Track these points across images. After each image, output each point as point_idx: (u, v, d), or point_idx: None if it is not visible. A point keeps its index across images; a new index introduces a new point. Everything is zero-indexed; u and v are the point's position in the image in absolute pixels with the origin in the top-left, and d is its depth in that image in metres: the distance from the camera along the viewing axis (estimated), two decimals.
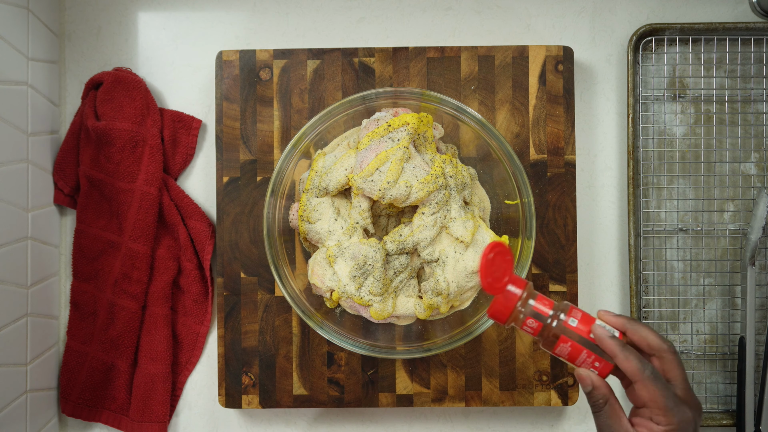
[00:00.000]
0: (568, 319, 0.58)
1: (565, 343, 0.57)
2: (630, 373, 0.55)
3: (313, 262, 0.74)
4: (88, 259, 0.81)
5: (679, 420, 0.54)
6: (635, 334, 0.57)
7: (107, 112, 0.79)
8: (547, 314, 0.58)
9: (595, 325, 0.57)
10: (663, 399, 0.54)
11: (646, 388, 0.54)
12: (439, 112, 0.74)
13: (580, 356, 0.57)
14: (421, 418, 0.83)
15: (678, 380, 0.56)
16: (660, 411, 0.54)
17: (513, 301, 0.58)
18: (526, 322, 0.59)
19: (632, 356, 0.55)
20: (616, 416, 0.56)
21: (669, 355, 0.56)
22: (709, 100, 0.82)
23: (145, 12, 0.84)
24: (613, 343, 0.56)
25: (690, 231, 0.82)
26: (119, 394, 0.81)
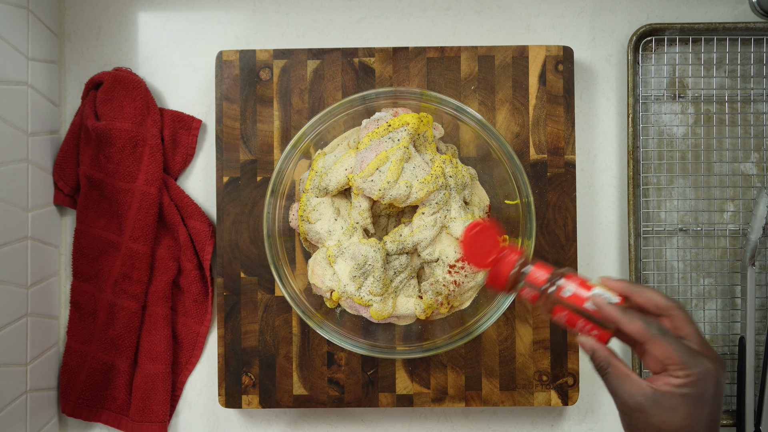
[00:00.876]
0: (563, 289, 0.57)
1: (561, 312, 0.57)
2: (637, 334, 0.53)
3: (313, 262, 0.74)
4: (88, 259, 0.81)
5: (698, 371, 0.51)
6: (640, 296, 0.55)
7: (107, 112, 0.79)
8: (542, 283, 0.58)
9: (593, 294, 0.56)
10: (676, 353, 0.51)
11: (657, 345, 0.52)
12: (439, 112, 0.74)
13: (577, 324, 0.57)
14: (421, 418, 0.83)
15: (691, 335, 0.53)
16: (676, 365, 0.51)
17: (506, 271, 0.59)
18: (523, 291, 0.59)
19: (636, 318, 0.53)
20: (624, 375, 0.54)
21: (678, 312, 0.54)
22: (709, 100, 0.82)
23: (145, 12, 0.84)
24: (613, 309, 0.54)
25: (690, 231, 0.82)
26: (119, 394, 0.81)
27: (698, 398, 0.51)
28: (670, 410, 0.51)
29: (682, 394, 0.51)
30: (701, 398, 0.51)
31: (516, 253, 0.60)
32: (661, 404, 0.52)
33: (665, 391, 0.51)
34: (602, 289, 0.56)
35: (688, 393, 0.51)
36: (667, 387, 0.51)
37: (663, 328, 0.52)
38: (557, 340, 0.79)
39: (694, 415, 0.51)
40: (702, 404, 0.51)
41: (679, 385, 0.51)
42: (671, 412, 0.51)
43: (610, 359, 0.55)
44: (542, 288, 0.58)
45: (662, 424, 0.51)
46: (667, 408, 0.51)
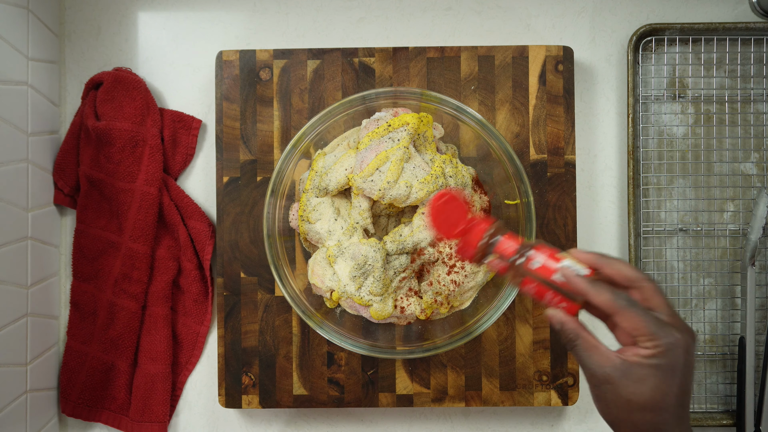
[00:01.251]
0: (532, 261, 0.56)
1: (530, 284, 0.56)
2: (605, 306, 0.52)
3: (313, 262, 0.74)
4: (88, 259, 0.81)
5: (667, 342, 0.50)
6: (610, 267, 0.54)
7: (107, 112, 0.79)
8: (510, 255, 0.57)
9: (562, 266, 0.55)
10: (644, 324, 0.50)
11: (625, 317, 0.51)
12: (439, 112, 0.74)
13: (545, 296, 0.56)
14: (421, 418, 0.83)
15: (661, 307, 0.53)
16: (645, 336, 0.50)
17: (474, 241, 0.59)
18: (492, 263, 0.58)
19: (604, 289, 0.52)
20: (592, 347, 0.53)
21: (647, 284, 0.53)
22: (709, 100, 0.82)
23: (145, 12, 0.84)
24: (582, 281, 0.53)
25: (690, 231, 0.82)
26: (119, 394, 0.81)
27: (667, 369, 0.50)
28: (639, 381, 0.50)
29: (651, 364, 0.50)
30: (670, 369, 0.50)
31: (485, 223, 0.59)
32: (629, 375, 0.51)
33: (634, 361, 0.51)
34: (571, 261, 0.56)
35: (656, 364, 0.50)
36: (635, 358, 0.51)
37: (631, 300, 0.52)
38: (557, 340, 0.79)
39: (663, 386, 0.50)
40: (671, 375, 0.50)
41: (648, 356, 0.50)
42: (640, 383, 0.50)
43: (579, 331, 0.54)
44: (511, 259, 0.57)
45: (631, 395, 0.51)
46: (635, 379, 0.50)
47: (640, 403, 0.51)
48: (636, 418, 0.51)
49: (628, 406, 0.51)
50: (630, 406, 0.51)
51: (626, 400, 0.51)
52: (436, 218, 0.60)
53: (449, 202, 0.60)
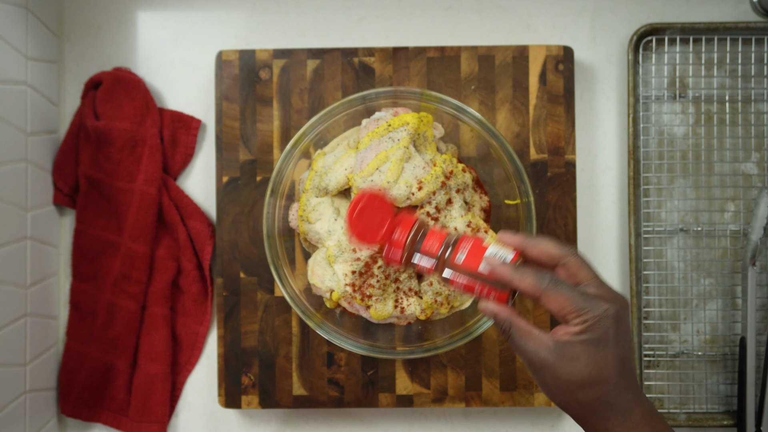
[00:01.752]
0: (456, 255, 0.55)
1: (458, 279, 0.55)
2: (530, 291, 0.51)
3: (313, 262, 0.74)
4: (87, 259, 0.81)
5: (594, 315, 0.49)
6: (534, 248, 0.53)
7: (106, 111, 0.79)
8: (435, 254, 0.56)
9: (486, 255, 0.54)
10: (569, 301, 0.49)
11: (550, 298, 0.50)
12: (439, 112, 0.74)
13: (475, 289, 0.55)
14: (421, 419, 0.83)
15: (588, 279, 0.52)
16: (572, 313, 0.49)
17: (400, 245, 0.56)
18: (420, 264, 0.57)
19: (527, 274, 0.51)
20: (526, 333, 0.52)
21: (572, 258, 0.52)
22: (710, 99, 0.82)
23: (145, 11, 0.84)
24: (505, 268, 0.53)
25: (690, 231, 0.82)
26: (119, 395, 0.81)
27: (598, 342, 0.49)
28: (573, 359, 0.50)
29: (582, 340, 0.49)
30: (601, 341, 0.49)
31: (407, 222, 0.57)
32: (564, 355, 0.50)
33: (566, 341, 0.50)
34: (497, 248, 0.54)
35: (587, 338, 0.49)
36: (566, 336, 0.50)
37: (556, 279, 0.51)
38: None
39: (597, 359, 0.49)
40: (603, 347, 0.49)
41: (578, 333, 0.50)
42: (574, 360, 0.50)
43: (512, 319, 0.53)
44: (437, 256, 0.56)
45: (568, 375, 0.50)
46: (570, 358, 0.50)
47: (578, 382, 0.50)
48: (579, 397, 0.50)
49: (568, 386, 0.50)
50: (570, 386, 0.50)
51: (565, 381, 0.50)
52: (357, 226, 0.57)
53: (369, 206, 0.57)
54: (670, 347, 0.82)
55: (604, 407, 0.50)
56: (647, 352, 0.81)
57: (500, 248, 0.54)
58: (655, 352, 0.81)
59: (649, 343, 0.81)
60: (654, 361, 0.81)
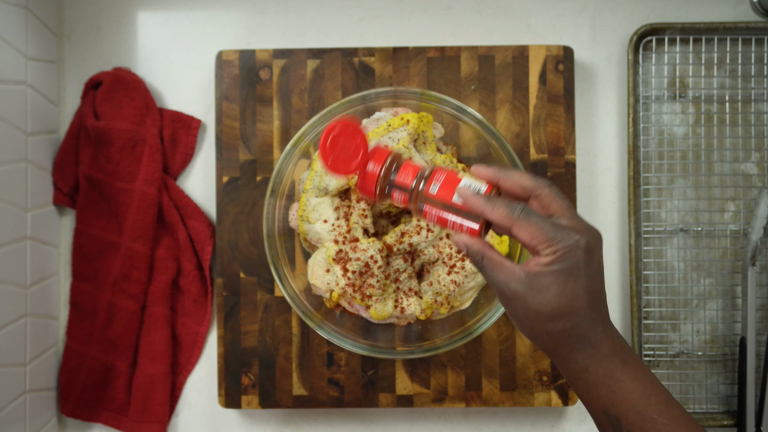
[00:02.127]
0: (429, 186, 0.54)
1: (431, 212, 0.54)
2: (502, 221, 0.50)
3: (313, 262, 0.74)
4: (87, 259, 0.81)
5: (565, 245, 0.48)
6: (508, 180, 0.52)
7: (106, 111, 0.79)
8: (409, 185, 0.55)
9: (459, 187, 0.53)
10: (541, 231, 0.49)
11: (522, 227, 0.49)
12: (439, 112, 0.74)
13: (448, 222, 0.54)
14: (421, 419, 0.83)
15: (561, 211, 0.51)
16: (543, 243, 0.49)
17: (374, 174, 0.56)
18: (394, 196, 0.56)
19: (499, 203, 0.51)
20: (498, 265, 0.51)
21: (545, 190, 0.51)
22: (710, 99, 0.82)
23: (145, 12, 0.84)
24: (478, 198, 0.52)
25: (690, 231, 0.82)
26: (119, 395, 0.81)
27: (569, 273, 0.49)
28: (543, 290, 0.49)
29: (552, 271, 0.49)
30: (572, 272, 0.49)
31: (382, 153, 0.56)
32: (534, 286, 0.49)
33: (536, 271, 0.49)
34: (470, 180, 0.54)
35: (557, 269, 0.49)
36: (537, 267, 0.49)
37: (528, 210, 0.50)
38: None
39: (567, 290, 0.49)
40: (574, 278, 0.49)
41: (548, 263, 0.49)
42: (544, 291, 0.49)
43: (484, 251, 0.52)
44: (411, 187, 0.55)
45: (538, 306, 0.49)
46: (540, 288, 0.49)
47: (547, 313, 0.49)
48: (549, 328, 0.50)
49: (537, 317, 0.50)
50: (540, 317, 0.50)
51: (535, 312, 0.50)
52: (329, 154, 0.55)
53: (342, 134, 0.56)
54: (670, 347, 0.82)
55: (573, 339, 0.50)
56: (647, 352, 0.81)
57: (474, 180, 0.54)
58: (655, 352, 0.81)
59: (649, 343, 0.81)
60: (654, 361, 0.81)
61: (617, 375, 0.50)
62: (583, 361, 0.50)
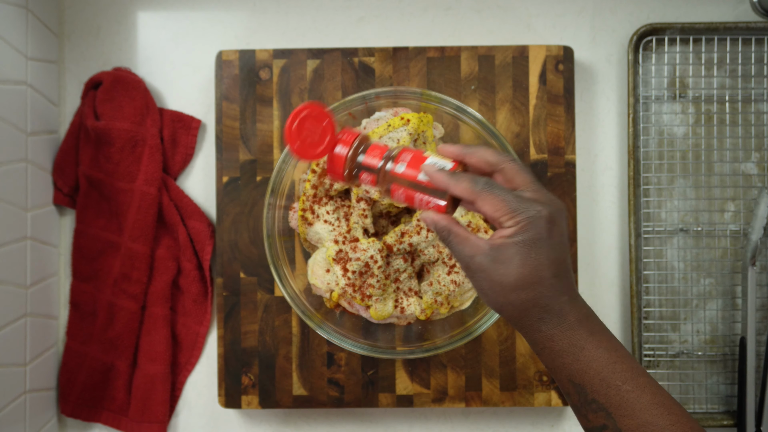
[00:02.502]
0: (396, 165, 0.55)
1: (398, 190, 0.55)
2: (466, 194, 0.51)
3: (313, 262, 0.74)
4: (87, 259, 0.81)
5: (527, 216, 0.49)
6: (473, 156, 0.54)
7: (107, 111, 0.79)
8: (376, 166, 0.56)
9: (424, 164, 0.54)
10: (503, 203, 0.50)
11: (485, 201, 0.50)
12: (439, 112, 0.74)
13: (415, 200, 0.55)
14: (421, 419, 0.83)
15: (525, 184, 0.52)
16: (506, 215, 0.50)
17: (341, 157, 0.57)
18: (362, 177, 0.57)
19: (463, 178, 0.51)
20: (463, 239, 0.52)
21: (509, 164, 0.52)
22: (710, 99, 0.82)
23: (145, 12, 0.84)
24: (442, 175, 0.53)
25: (690, 231, 0.82)
26: (119, 395, 0.81)
27: (531, 243, 0.49)
28: (506, 261, 0.50)
29: (515, 242, 0.50)
30: (534, 243, 0.49)
31: (350, 136, 0.57)
32: (497, 258, 0.50)
33: (499, 243, 0.50)
34: (436, 158, 0.55)
35: (520, 240, 0.49)
36: (500, 240, 0.50)
37: (491, 183, 0.51)
38: None
39: (529, 261, 0.49)
40: (536, 248, 0.49)
41: (511, 235, 0.50)
42: (507, 262, 0.50)
43: (450, 227, 0.53)
44: (378, 167, 0.56)
45: (501, 277, 0.50)
46: (503, 260, 0.50)
47: (511, 284, 0.50)
48: (513, 299, 0.50)
49: (501, 289, 0.50)
50: (504, 288, 0.50)
51: (499, 284, 0.50)
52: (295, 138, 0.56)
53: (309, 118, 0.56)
54: (670, 347, 0.82)
55: (538, 309, 0.50)
56: (647, 352, 0.81)
57: (439, 159, 0.55)
58: (655, 352, 0.81)
59: (649, 343, 0.81)
60: (654, 361, 0.81)
61: (581, 344, 0.50)
62: (548, 331, 0.51)
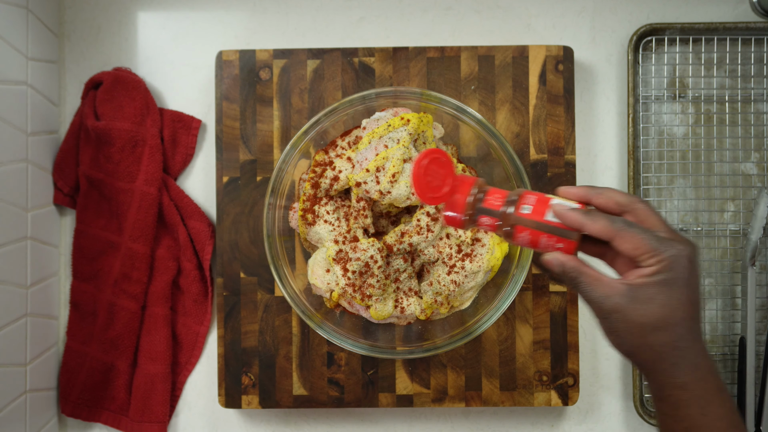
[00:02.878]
0: (521, 207, 0.55)
1: (523, 232, 0.55)
2: (603, 233, 0.51)
3: (313, 262, 0.74)
4: (87, 259, 0.81)
5: (669, 255, 0.49)
6: (601, 197, 0.53)
7: (107, 111, 0.79)
8: (499, 208, 0.56)
9: (553, 203, 0.54)
10: (645, 241, 0.49)
11: (624, 238, 0.50)
12: (439, 112, 0.74)
13: (541, 241, 0.54)
14: (421, 419, 0.83)
15: (657, 225, 0.51)
16: (646, 254, 0.49)
17: (462, 200, 0.56)
18: (481, 221, 0.57)
19: (599, 217, 0.51)
20: (596, 280, 0.51)
21: (640, 206, 0.52)
22: (710, 100, 0.82)
23: (145, 12, 0.84)
24: (576, 213, 0.52)
25: (690, 231, 0.82)
26: (119, 395, 0.81)
27: (672, 282, 0.49)
28: (647, 301, 0.49)
29: (656, 281, 0.49)
30: (675, 282, 0.49)
31: (468, 182, 0.57)
32: (636, 298, 0.50)
33: (639, 283, 0.50)
34: (560, 200, 0.54)
35: (662, 279, 0.49)
36: (640, 279, 0.50)
37: (628, 222, 0.51)
38: (557, 340, 0.79)
39: (672, 300, 0.49)
40: (677, 288, 0.49)
41: (652, 273, 0.49)
42: (648, 302, 0.49)
43: (581, 268, 0.52)
44: (501, 211, 0.56)
45: (641, 318, 0.49)
46: (643, 300, 0.49)
47: (651, 324, 0.49)
48: (651, 341, 0.50)
49: (641, 330, 0.50)
50: (643, 329, 0.50)
51: (638, 324, 0.50)
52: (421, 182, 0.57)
53: (434, 163, 0.57)
54: None
55: (675, 353, 0.49)
56: None
57: (564, 200, 0.54)
58: None
59: None
60: None
61: (710, 397, 0.49)
62: (682, 378, 0.50)
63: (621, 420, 0.83)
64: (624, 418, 0.83)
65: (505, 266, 0.74)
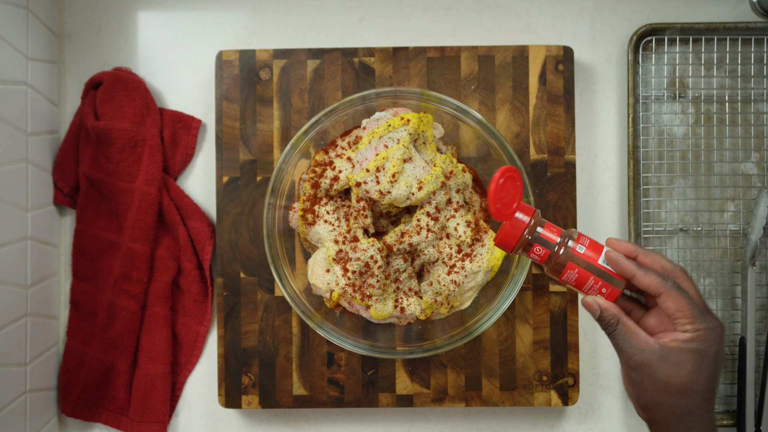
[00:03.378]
0: (576, 245, 0.57)
1: (572, 270, 0.57)
2: (653, 287, 0.54)
3: (313, 262, 0.74)
4: (87, 259, 0.81)
5: (706, 327, 0.53)
6: (647, 258, 0.57)
7: (107, 111, 0.79)
8: (554, 241, 0.58)
9: (607, 250, 0.57)
10: (689, 307, 0.53)
11: (672, 298, 0.53)
12: (439, 112, 0.74)
13: (587, 283, 0.57)
14: (421, 419, 0.83)
15: (696, 297, 0.56)
16: (687, 319, 0.53)
17: (521, 228, 0.58)
18: (534, 250, 0.58)
19: (651, 272, 0.55)
20: (632, 332, 0.55)
21: (683, 275, 0.56)
22: (710, 100, 0.82)
23: (145, 12, 0.84)
24: (630, 263, 0.55)
25: (690, 231, 0.82)
26: (119, 395, 0.81)
27: (704, 353, 0.53)
28: (678, 364, 0.53)
29: (690, 348, 0.53)
30: (707, 354, 0.53)
31: (526, 211, 0.59)
32: (668, 359, 0.53)
33: (673, 346, 0.53)
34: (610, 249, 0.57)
35: (695, 348, 0.53)
36: (675, 342, 0.53)
37: (676, 283, 0.54)
38: (557, 340, 0.79)
39: (699, 369, 0.53)
40: (707, 360, 0.53)
41: (687, 340, 0.53)
42: (678, 366, 0.53)
43: (620, 316, 0.56)
44: (557, 244, 0.58)
45: (668, 378, 0.53)
46: (674, 362, 0.53)
47: (677, 386, 0.53)
48: (672, 401, 0.54)
49: (665, 389, 0.53)
50: (667, 389, 0.53)
51: (664, 383, 0.53)
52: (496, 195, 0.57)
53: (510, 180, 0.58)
54: None
55: (690, 418, 0.54)
56: None
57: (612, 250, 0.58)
58: None
59: None
60: None
61: None
62: None
63: (621, 420, 0.83)
64: (624, 418, 0.83)
65: (505, 266, 0.74)
